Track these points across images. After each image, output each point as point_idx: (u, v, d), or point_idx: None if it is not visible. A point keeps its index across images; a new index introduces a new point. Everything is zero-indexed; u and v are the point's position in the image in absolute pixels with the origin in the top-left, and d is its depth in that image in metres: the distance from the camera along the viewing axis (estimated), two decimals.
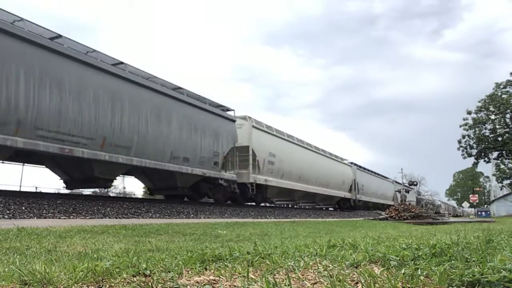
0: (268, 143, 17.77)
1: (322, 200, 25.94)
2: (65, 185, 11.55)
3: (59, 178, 11.45)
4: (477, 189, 69.44)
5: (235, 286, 1.62)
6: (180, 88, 13.20)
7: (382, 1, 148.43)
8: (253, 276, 1.73)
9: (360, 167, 32.03)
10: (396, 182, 43.10)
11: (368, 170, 34.70)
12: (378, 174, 37.80)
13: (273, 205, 21.08)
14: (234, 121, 15.65)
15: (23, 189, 11.97)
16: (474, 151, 37.32)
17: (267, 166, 17.12)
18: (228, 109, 15.82)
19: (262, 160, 16.79)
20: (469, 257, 1.96)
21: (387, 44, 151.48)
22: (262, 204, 18.90)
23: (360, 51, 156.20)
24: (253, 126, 16.86)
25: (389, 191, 39.35)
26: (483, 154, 37.25)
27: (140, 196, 31.33)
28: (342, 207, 28.95)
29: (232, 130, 15.23)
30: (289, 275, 1.68)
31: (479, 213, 40.10)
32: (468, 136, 37.35)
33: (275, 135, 19.02)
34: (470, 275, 1.53)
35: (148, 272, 1.82)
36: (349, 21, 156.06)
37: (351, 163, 30.36)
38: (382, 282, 1.55)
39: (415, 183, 55.91)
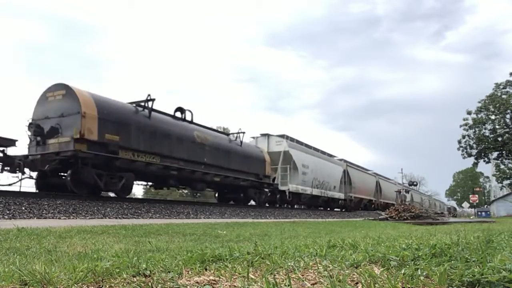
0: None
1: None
2: None
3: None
4: (477, 189, 69.28)
5: (235, 286, 1.62)
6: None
7: (385, 2, 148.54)
8: (253, 276, 1.73)
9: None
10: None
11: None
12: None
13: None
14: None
15: (23, 189, 11.98)
16: (474, 151, 37.38)
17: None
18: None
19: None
20: (469, 257, 1.96)
21: (389, 45, 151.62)
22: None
23: (362, 52, 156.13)
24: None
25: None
26: (483, 154, 37.30)
27: (139, 197, 31.34)
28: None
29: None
30: (289, 275, 1.68)
31: (479, 213, 40.06)
32: (468, 136, 37.44)
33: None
34: (470, 275, 1.53)
35: (148, 272, 1.82)
36: (352, 22, 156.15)
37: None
38: (382, 282, 1.55)
39: (415, 183, 55.80)
